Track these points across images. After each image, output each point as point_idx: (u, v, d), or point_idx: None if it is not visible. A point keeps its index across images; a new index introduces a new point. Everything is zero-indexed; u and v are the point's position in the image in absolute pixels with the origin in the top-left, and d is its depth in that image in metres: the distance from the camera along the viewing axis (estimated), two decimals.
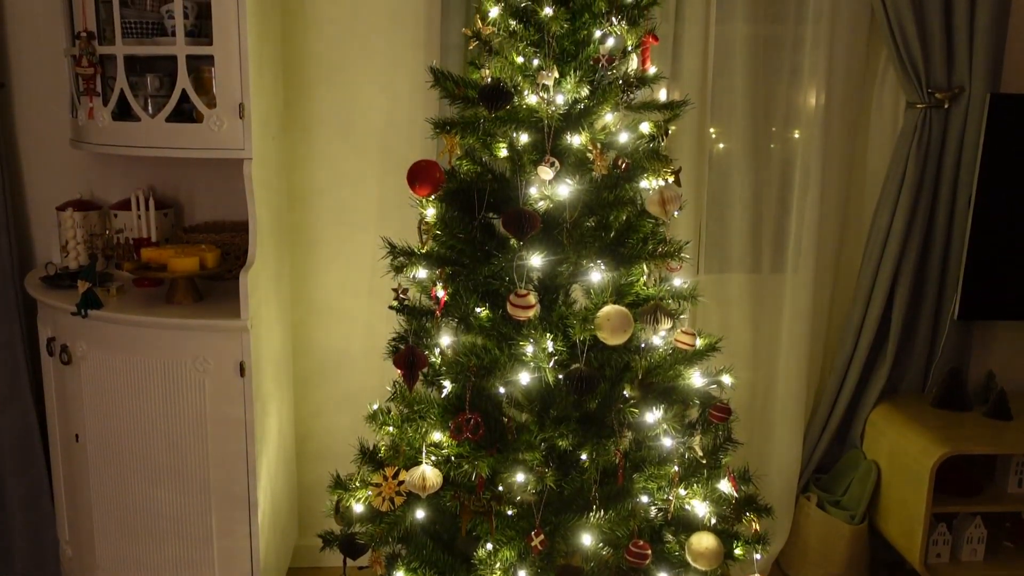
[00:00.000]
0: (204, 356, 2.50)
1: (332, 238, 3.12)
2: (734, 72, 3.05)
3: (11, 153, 3.02)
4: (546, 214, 2.01)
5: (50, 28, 2.90)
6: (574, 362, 1.94)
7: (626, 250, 2.05)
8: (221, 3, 2.38)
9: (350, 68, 3.00)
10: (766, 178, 3.14)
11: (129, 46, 2.52)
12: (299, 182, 3.06)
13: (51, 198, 3.02)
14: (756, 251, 3.18)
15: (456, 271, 2.07)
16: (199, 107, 2.49)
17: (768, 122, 3.12)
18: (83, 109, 2.59)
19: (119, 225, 2.91)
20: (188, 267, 2.57)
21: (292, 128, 3.01)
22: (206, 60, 2.51)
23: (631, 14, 2.05)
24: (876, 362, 3.18)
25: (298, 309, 3.13)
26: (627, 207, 2.09)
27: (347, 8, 2.96)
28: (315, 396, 3.22)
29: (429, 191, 2.02)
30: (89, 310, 2.51)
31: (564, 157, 2.01)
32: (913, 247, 3.04)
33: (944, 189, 3.04)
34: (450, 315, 2.08)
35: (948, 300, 3.11)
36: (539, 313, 1.97)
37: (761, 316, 3.22)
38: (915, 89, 2.95)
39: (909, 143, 2.97)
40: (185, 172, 3.01)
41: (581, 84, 2.00)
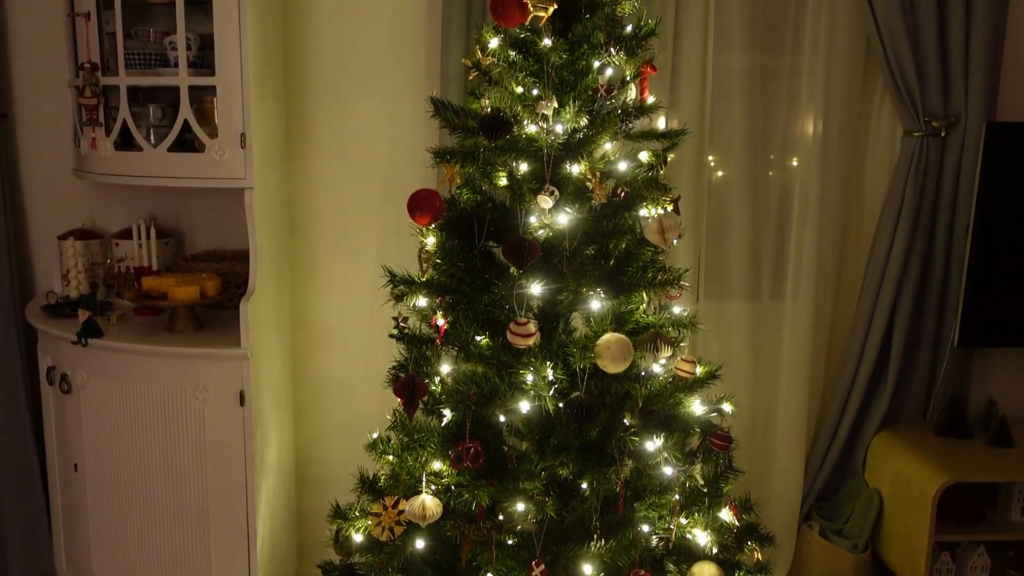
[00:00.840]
0: (204, 385, 2.49)
1: (332, 266, 3.13)
2: (732, 101, 3.07)
3: (13, 182, 3.04)
4: (546, 242, 2.02)
5: (53, 59, 2.93)
6: (574, 390, 1.94)
7: (626, 278, 2.06)
8: (223, 34, 2.41)
9: (351, 98, 3.02)
10: (765, 206, 3.16)
11: (132, 77, 2.54)
12: (300, 210, 3.08)
13: (53, 227, 3.03)
14: (755, 278, 3.19)
15: (456, 299, 2.07)
16: (201, 137, 2.51)
17: (766, 150, 3.14)
18: (86, 139, 2.61)
19: (120, 254, 2.92)
20: (188, 296, 2.57)
21: (293, 157, 3.03)
22: (208, 90, 2.53)
23: (629, 45, 2.07)
24: (877, 389, 3.17)
25: (298, 337, 3.14)
26: (626, 235, 2.10)
27: (348, 39, 2.99)
28: (315, 424, 3.21)
29: (429, 220, 2.03)
30: (89, 339, 2.51)
31: (563, 186, 2.02)
32: (912, 274, 3.05)
33: (942, 216, 3.05)
34: (450, 343, 2.08)
35: (948, 327, 3.12)
36: (539, 341, 1.97)
37: (761, 343, 3.22)
38: (912, 117, 2.97)
39: (907, 171, 2.99)
40: (186, 201, 3.03)
41: (580, 114, 2.01)
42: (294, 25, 2.96)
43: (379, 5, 2.97)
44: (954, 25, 2.90)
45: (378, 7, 2.98)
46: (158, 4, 2.59)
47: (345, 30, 2.98)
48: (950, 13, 2.90)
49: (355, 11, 2.97)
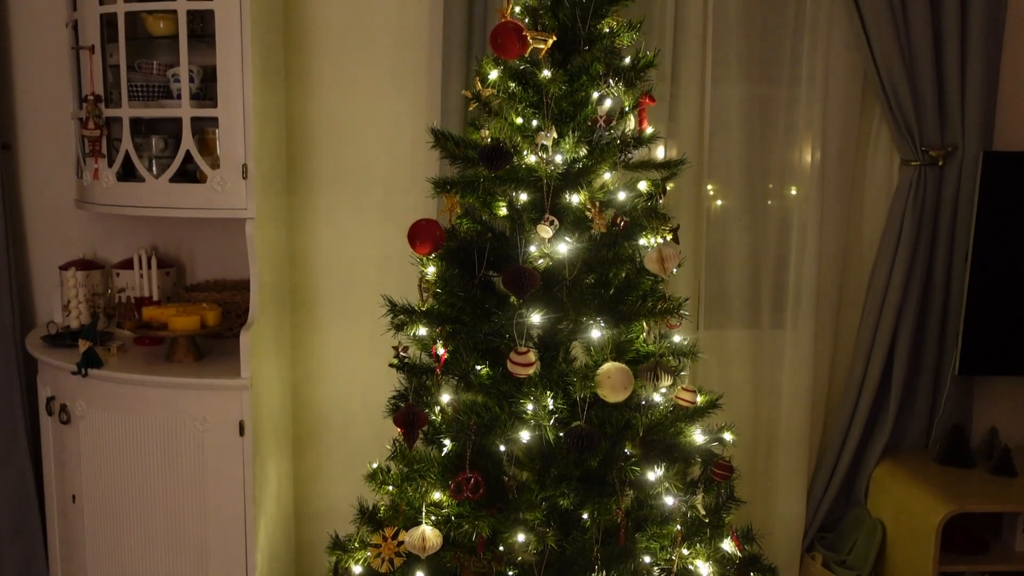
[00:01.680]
0: (204, 415, 2.49)
1: (333, 296, 3.13)
2: (730, 131, 3.10)
3: (15, 213, 3.05)
4: (546, 272, 2.03)
5: (57, 91, 2.96)
6: (575, 420, 1.93)
7: (626, 307, 2.06)
8: (226, 67, 2.44)
9: (352, 128, 3.05)
10: (764, 234, 3.17)
11: (135, 109, 2.56)
12: (301, 240, 3.09)
13: (54, 258, 3.05)
14: (755, 307, 3.19)
15: (456, 329, 2.07)
16: (203, 167, 2.53)
17: (765, 179, 3.16)
18: (88, 170, 2.63)
19: (121, 284, 2.93)
20: (189, 326, 2.58)
21: (294, 187, 3.05)
22: (210, 122, 2.55)
23: (628, 76, 2.09)
24: (878, 418, 3.17)
25: (298, 367, 3.13)
26: (626, 265, 2.11)
27: (350, 70, 3.02)
28: (314, 455, 3.20)
29: (429, 249, 2.03)
30: (89, 369, 2.51)
31: (563, 215, 2.03)
32: (912, 303, 3.05)
33: (941, 245, 3.06)
34: (450, 373, 2.08)
35: (948, 356, 3.11)
36: (539, 371, 1.97)
37: (762, 372, 3.22)
38: (909, 147, 2.99)
39: (905, 200, 3.01)
40: (188, 231, 3.04)
41: (579, 144, 2.03)
42: (295, 56, 2.99)
43: (380, 37, 3.01)
44: (950, 57, 2.93)
45: (379, 39, 3.01)
46: (162, 37, 2.63)
47: (346, 61, 3.01)
48: (946, 45, 2.93)
49: (356, 43, 3.00)
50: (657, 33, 2.97)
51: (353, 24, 2.99)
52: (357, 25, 3.00)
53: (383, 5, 2.99)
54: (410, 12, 3.00)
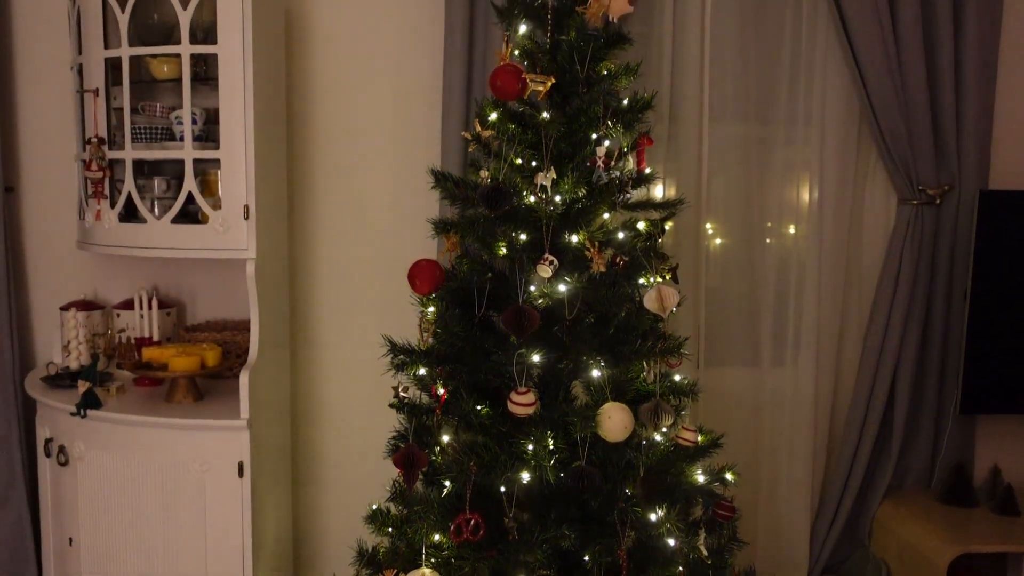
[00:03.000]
0: (203, 456, 2.47)
1: (333, 336, 3.13)
2: (728, 170, 3.12)
3: (17, 254, 3.06)
4: (545, 311, 2.03)
5: (60, 134, 2.99)
6: (575, 460, 1.92)
7: (626, 346, 2.06)
8: (229, 109, 2.46)
9: (353, 169, 3.07)
10: (763, 272, 3.18)
11: (138, 150, 2.59)
12: (301, 280, 3.10)
13: (55, 298, 3.05)
14: (756, 345, 3.19)
15: (456, 369, 2.07)
16: (205, 208, 2.54)
17: (763, 218, 3.18)
18: (91, 211, 2.64)
19: (122, 324, 2.93)
20: (189, 366, 2.57)
21: (295, 228, 3.06)
22: (212, 163, 2.57)
23: (626, 117, 2.11)
24: (880, 457, 3.15)
25: (298, 407, 3.12)
26: (626, 304, 2.11)
27: (350, 112, 3.05)
28: (314, 495, 3.18)
29: (430, 289, 2.04)
30: (88, 410, 2.50)
31: (563, 255, 2.04)
32: (912, 341, 3.05)
33: (940, 283, 3.07)
34: (450, 413, 2.07)
35: (950, 394, 3.11)
36: (539, 410, 1.96)
37: (763, 410, 3.21)
38: (906, 186, 3.01)
39: (903, 238, 3.02)
40: (188, 271, 3.05)
41: (578, 184, 2.04)
42: (297, 98, 3.03)
43: (380, 78, 3.04)
44: (944, 97, 2.97)
45: (379, 80, 3.04)
46: (165, 80, 2.66)
47: (347, 103, 3.05)
48: (940, 85, 2.97)
49: (356, 84, 3.04)
50: (655, 75, 3.01)
51: (354, 67, 3.03)
52: (358, 68, 3.04)
53: (384, 49, 3.03)
54: (410, 55, 3.04)
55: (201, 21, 2.52)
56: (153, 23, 2.61)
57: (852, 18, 2.90)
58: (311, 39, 3.02)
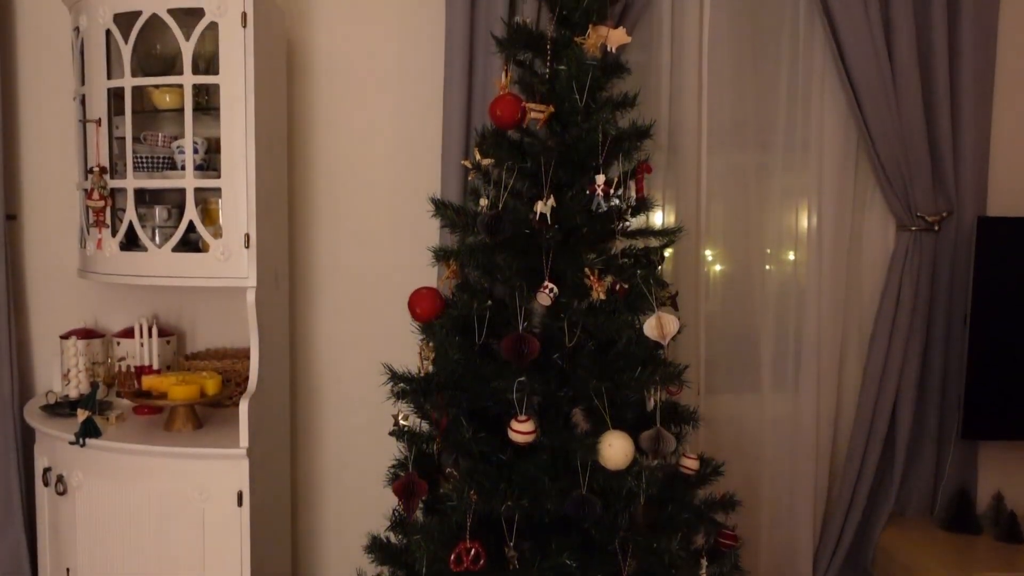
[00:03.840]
0: (202, 485, 2.46)
1: (333, 363, 3.13)
2: (727, 197, 3.14)
3: (18, 283, 3.07)
4: (545, 338, 2.03)
5: (62, 163, 3.01)
6: (576, 488, 1.92)
7: (626, 374, 2.06)
8: (230, 138, 2.48)
9: (353, 197, 3.09)
10: (763, 299, 3.19)
11: (140, 179, 2.60)
12: (301, 308, 3.10)
13: (55, 326, 3.05)
14: (756, 372, 3.19)
15: (456, 396, 2.07)
16: (205, 237, 2.55)
17: (762, 244, 3.19)
18: (92, 240, 2.65)
19: (122, 353, 2.93)
20: (188, 395, 2.57)
21: (295, 254, 3.07)
22: (214, 192, 2.58)
23: (625, 145, 2.13)
24: (883, 483, 3.13)
25: (297, 435, 3.11)
26: (626, 331, 2.11)
27: (351, 140, 3.07)
28: (313, 524, 3.16)
29: (430, 317, 2.05)
30: (87, 439, 2.49)
31: (562, 282, 2.04)
32: (913, 366, 3.05)
33: (940, 309, 3.07)
34: (450, 441, 2.07)
35: (951, 420, 3.10)
36: (540, 438, 1.96)
37: (764, 437, 3.20)
38: (904, 212, 3.03)
39: (902, 264, 3.03)
40: (189, 299, 3.06)
41: (578, 212, 2.05)
42: (299, 126, 3.05)
43: (381, 107, 3.07)
44: (941, 123, 2.99)
45: (380, 109, 3.07)
46: (168, 110, 2.68)
47: (348, 131, 3.07)
48: (937, 112, 2.99)
49: (357, 113, 3.06)
50: (653, 103, 3.03)
51: (355, 96, 3.06)
52: (359, 97, 3.06)
53: (384, 78, 3.06)
54: (410, 86, 3.06)
55: (203, 51, 2.54)
56: (156, 54, 2.64)
57: (848, 46, 2.93)
58: (312, 68, 3.05)
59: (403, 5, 3.05)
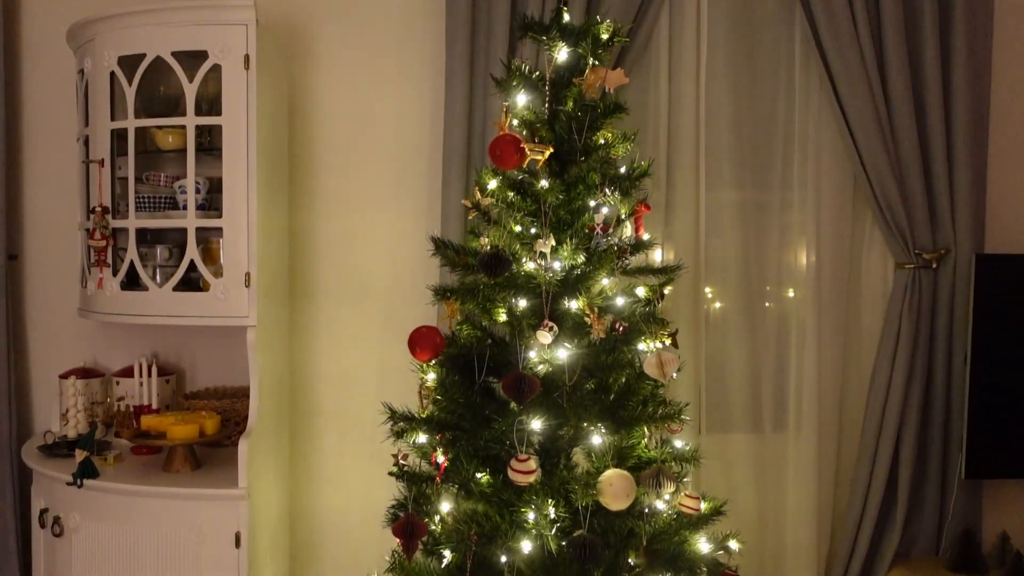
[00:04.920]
0: (199, 526, 2.44)
1: (333, 403, 3.12)
2: (725, 234, 3.15)
3: (18, 322, 3.07)
4: (545, 377, 2.03)
5: (64, 203, 3.03)
6: (577, 529, 1.90)
7: (626, 412, 2.06)
8: (232, 179, 2.50)
9: (354, 237, 3.10)
10: (763, 336, 3.18)
11: (142, 219, 2.61)
12: (301, 347, 3.10)
13: (55, 366, 3.05)
14: (757, 410, 3.18)
15: (456, 436, 2.06)
16: (206, 276, 2.56)
17: (762, 282, 3.20)
18: (93, 279, 2.66)
19: (121, 392, 2.92)
20: (187, 435, 2.56)
21: (296, 295, 3.08)
22: (215, 231, 2.60)
23: (623, 185, 2.14)
24: (887, 523, 3.10)
25: (296, 475, 3.09)
26: (626, 369, 2.12)
27: (352, 180, 3.09)
28: (312, 566, 3.12)
29: (430, 356, 2.05)
30: (85, 479, 2.47)
31: (562, 321, 2.04)
32: (914, 405, 3.03)
33: (940, 347, 3.07)
34: (450, 481, 2.06)
35: (954, 459, 3.08)
36: (540, 478, 1.95)
37: (766, 477, 3.17)
38: (902, 250, 3.03)
39: (901, 302, 3.03)
40: (189, 338, 3.06)
41: (577, 251, 2.06)
42: (300, 165, 3.07)
43: (381, 151, 3.09)
44: (936, 161, 3.01)
45: (381, 153, 3.09)
46: (170, 151, 2.70)
47: (349, 172, 3.09)
48: (932, 150, 3.01)
49: (358, 152, 3.09)
50: (651, 142, 3.06)
51: (355, 138, 3.09)
52: (359, 139, 3.09)
53: (385, 120, 3.09)
54: (411, 126, 3.09)
55: (206, 93, 2.57)
56: (159, 95, 2.67)
57: (843, 85, 2.96)
58: (314, 108, 3.08)
59: (404, 46, 3.09)
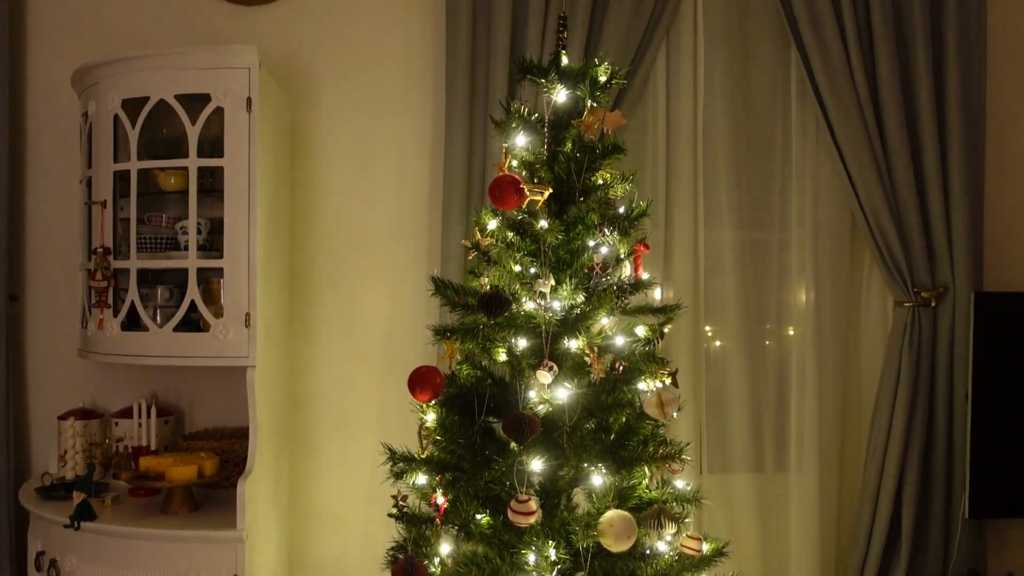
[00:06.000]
0: (197, 569, 2.41)
1: (332, 443, 3.11)
2: (724, 273, 3.16)
3: (18, 363, 3.07)
4: (546, 418, 2.02)
5: (65, 244, 3.04)
6: (578, 571, 1.89)
7: (627, 453, 2.05)
8: (233, 220, 2.51)
9: (354, 277, 3.11)
10: (763, 375, 3.18)
11: (143, 260, 2.62)
12: (301, 387, 3.09)
13: (54, 407, 3.03)
14: (758, 449, 3.16)
15: (456, 477, 2.05)
16: (206, 316, 2.56)
17: (761, 320, 3.20)
18: (93, 320, 2.66)
19: (119, 433, 2.91)
20: (186, 476, 2.54)
21: (296, 334, 3.08)
22: (216, 272, 2.60)
23: (622, 225, 2.16)
24: (891, 564, 3.07)
25: (295, 516, 3.07)
26: (626, 409, 2.11)
27: (352, 220, 3.11)
28: None
29: (429, 396, 2.04)
30: (82, 522, 2.45)
31: (562, 361, 2.04)
32: (916, 444, 3.02)
33: (940, 385, 3.06)
34: (450, 522, 2.04)
35: (958, 498, 3.05)
36: (541, 519, 1.93)
37: (768, 517, 3.15)
38: (901, 288, 3.04)
39: (901, 340, 3.03)
40: (188, 378, 3.05)
41: (577, 291, 2.07)
42: (301, 206, 3.09)
43: (382, 187, 3.12)
44: (933, 200, 3.03)
45: (381, 189, 3.12)
46: (172, 192, 2.72)
47: (349, 212, 3.11)
48: (928, 189, 3.03)
49: (359, 193, 3.11)
50: (650, 183, 3.09)
51: (356, 179, 3.11)
52: (360, 180, 3.11)
53: (385, 160, 3.12)
54: (411, 166, 3.12)
55: (209, 135, 2.59)
56: (162, 137, 2.69)
57: (839, 125, 2.99)
58: (315, 150, 3.11)
59: (404, 88, 3.12)
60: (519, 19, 2.95)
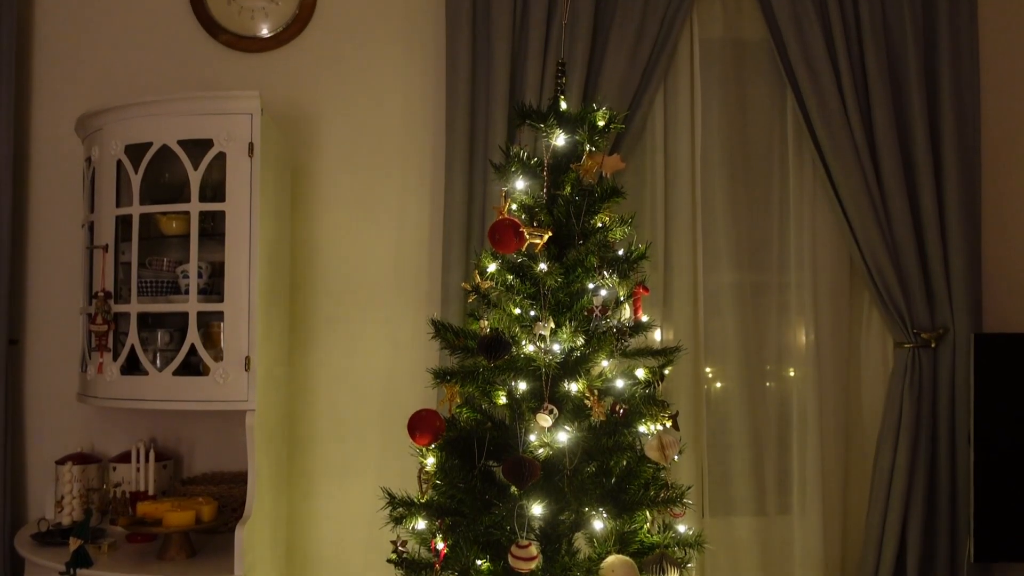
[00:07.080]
0: None
1: (331, 488, 3.08)
2: (724, 315, 3.16)
3: (16, 408, 3.05)
4: (546, 461, 2.01)
5: (66, 288, 3.04)
6: None
7: (628, 496, 2.03)
8: (234, 263, 2.52)
9: (354, 320, 3.11)
10: (764, 416, 3.17)
11: (144, 304, 2.63)
12: (300, 431, 3.08)
13: (52, 451, 3.01)
14: (761, 492, 3.14)
15: (456, 521, 2.03)
16: (206, 360, 2.56)
17: (761, 361, 3.19)
18: (93, 364, 2.66)
19: (117, 478, 2.89)
20: (183, 522, 2.52)
21: (295, 377, 3.07)
22: (216, 315, 2.61)
23: (621, 267, 2.17)
24: None
25: (294, 562, 3.03)
26: (627, 453, 2.10)
27: (352, 265, 3.12)
28: None
29: (429, 440, 2.03)
30: (79, 568, 2.42)
31: (562, 404, 2.04)
32: (920, 486, 3.00)
33: (943, 427, 3.05)
34: (450, 568, 2.02)
35: (962, 542, 3.02)
36: (541, 565, 1.91)
37: (771, 561, 3.12)
38: (900, 329, 3.04)
39: (902, 382, 3.02)
40: (187, 422, 3.03)
41: (576, 334, 2.07)
42: (301, 249, 3.10)
43: (383, 231, 3.13)
44: (931, 242, 3.04)
45: (381, 233, 3.13)
46: (173, 236, 2.73)
47: (349, 255, 3.12)
48: (926, 231, 3.05)
49: (360, 237, 3.13)
50: (649, 225, 3.10)
51: (356, 221, 3.13)
52: (360, 222, 3.13)
53: (385, 203, 3.14)
54: (410, 210, 3.14)
55: (211, 179, 2.61)
56: (164, 182, 2.71)
57: (836, 167, 3.02)
58: (316, 193, 3.13)
59: (404, 132, 3.16)
60: (518, 64, 2.99)
